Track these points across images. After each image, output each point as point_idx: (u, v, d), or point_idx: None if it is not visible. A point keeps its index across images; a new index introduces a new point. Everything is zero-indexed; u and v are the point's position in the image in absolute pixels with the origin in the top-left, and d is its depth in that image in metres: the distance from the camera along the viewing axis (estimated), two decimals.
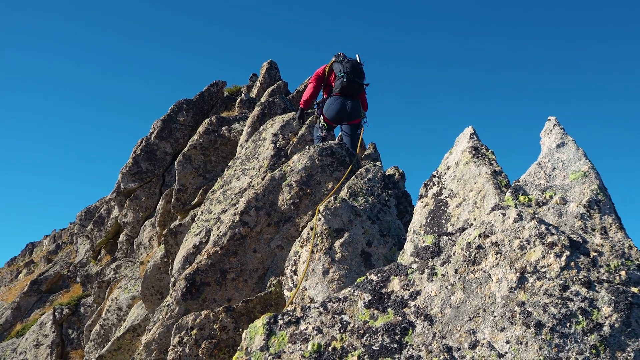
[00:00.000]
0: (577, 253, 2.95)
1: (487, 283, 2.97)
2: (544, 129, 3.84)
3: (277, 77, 17.38)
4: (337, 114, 8.59)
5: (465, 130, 5.20)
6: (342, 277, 5.99)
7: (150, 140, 15.96)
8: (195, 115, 16.38)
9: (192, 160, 13.17)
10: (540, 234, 3.00)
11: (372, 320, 3.03)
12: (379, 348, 2.90)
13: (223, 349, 6.61)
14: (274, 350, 3.04)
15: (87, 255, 17.76)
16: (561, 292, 2.83)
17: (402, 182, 9.38)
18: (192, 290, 7.36)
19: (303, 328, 3.10)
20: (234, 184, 10.44)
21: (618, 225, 3.17)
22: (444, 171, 5.14)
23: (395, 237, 6.75)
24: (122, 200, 16.24)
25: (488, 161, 4.68)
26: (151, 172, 15.67)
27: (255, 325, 3.19)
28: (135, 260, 14.89)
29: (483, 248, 3.09)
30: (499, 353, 2.73)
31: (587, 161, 3.47)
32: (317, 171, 8.07)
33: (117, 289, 13.71)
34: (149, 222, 15.05)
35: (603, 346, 2.68)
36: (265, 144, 10.72)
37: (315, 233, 6.32)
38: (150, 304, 11.56)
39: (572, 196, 3.37)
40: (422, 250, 3.27)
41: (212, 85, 17.40)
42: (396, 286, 3.16)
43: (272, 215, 7.78)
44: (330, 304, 3.16)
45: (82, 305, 15.70)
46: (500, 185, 4.33)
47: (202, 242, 9.37)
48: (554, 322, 2.75)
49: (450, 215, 4.68)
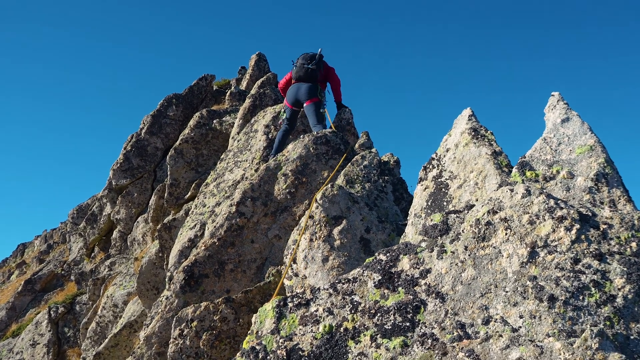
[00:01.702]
0: (587, 226, 2.94)
1: (498, 259, 2.95)
2: (548, 104, 3.82)
3: (266, 69, 17.29)
4: (294, 98, 9.35)
5: (463, 112, 5.17)
6: (342, 264, 5.97)
7: (141, 135, 15.85)
8: (185, 110, 16.27)
9: (184, 155, 13.09)
10: (550, 208, 2.98)
11: (383, 299, 3.01)
12: (392, 327, 2.88)
13: (224, 340, 6.57)
14: (285, 333, 3.01)
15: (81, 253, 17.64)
16: (573, 265, 2.82)
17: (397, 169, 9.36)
18: (191, 283, 7.31)
19: (313, 310, 3.07)
20: (227, 176, 10.38)
21: (626, 197, 3.17)
22: (443, 153, 5.11)
23: (393, 223, 6.73)
24: (114, 197, 16.13)
25: (488, 142, 4.66)
26: (142, 167, 15.57)
27: (265, 309, 3.15)
28: (129, 256, 14.80)
29: (492, 224, 3.07)
30: (512, 328, 2.72)
31: (593, 135, 3.46)
32: (312, 160, 8.03)
33: (112, 285, 13.63)
34: (141, 218, 14.97)
35: (617, 317, 2.67)
36: (258, 135, 10.66)
37: (313, 221, 6.29)
38: (147, 300, 11.50)
39: (579, 170, 3.36)
40: (431, 228, 3.25)
41: (201, 79, 17.28)
42: (406, 265, 3.14)
43: (268, 205, 7.74)
44: (339, 285, 3.14)
45: (77, 303, 15.59)
46: (501, 165, 4.31)
47: (197, 235, 9.32)
48: (566, 295, 2.74)
49: (451, 197, 4.66)
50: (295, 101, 9.37)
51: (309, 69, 9.28)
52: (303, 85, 9.32)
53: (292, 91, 9.43)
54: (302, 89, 9.28)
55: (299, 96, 9.32)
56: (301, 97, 9.28)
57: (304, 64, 9.37)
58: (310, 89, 9.24)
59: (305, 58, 9.47)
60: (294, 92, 9.39)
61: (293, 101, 9.39)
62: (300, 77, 9.33)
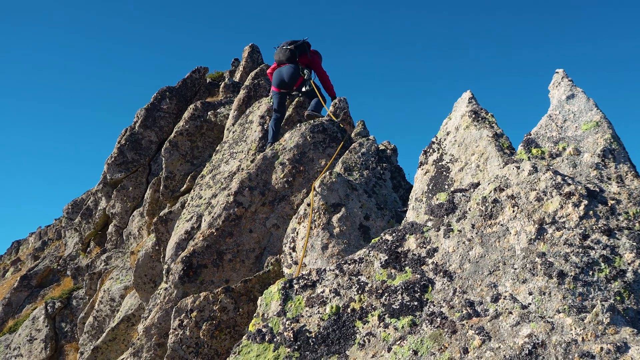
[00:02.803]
0: (594, 202, 2.91)
1: (506, 236, 2.92)
2: (552, 81, 3.78)
3: (259, 60, 17.20)
4: (278, 80, 9.71)
5: (463, 95, 5.14)
6: (342, 252, 5.94)
7: (135, 129, 15.75)
8: (178, 103, 16.18)
9: (179, 147, 13.01)
10: (557, 185, 2.95)
11: (390, 279, 2.97)
12: (399, 307, 2.85)
13: (224, 329, 6.54)
14: (291, 315, 2.98)
15: (77, 248, 17.55)
16: (582, 241, 2.79)
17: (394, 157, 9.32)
18: (190, 273, 7.27)
19: (320, 291, 3.03)
20: (223, 168, 10.33)
21: (634, 173, 3.14)
22: (443, 137, 5.08)
23: (392, 210, 6.71)
24: (109, 191, 16.04)
25: (489, 124, 4.63)
26: (137, 161, 15.47)
27: (270, 291, 3.12)
28: (125, 250, 14.73)
29: (499, 202, 3.04)
30: (522, 304, 2.69)
31: (599, 111, 3.43)
32: (309, 148, 7.99)
33: (108, 280, 13.57)
34: (137, 212, 14.89)
35: (627, 292, 2.65)
36: (253, 126, 10.60)
37: (312, 209, 6.25)
38: (144, 293, 11.45)
39: (585, 146, 3.33)
40: (437, 207, 3.22)
41: (194, 72, 17.17)
42: (412, 244, 3.10)
43: (266, 194, 7.70)
44: (345, 265, 3.10)
45: (74, 298, 15.52)
46: (502, 147, 4.28)
47: (193, 227, 9.26)
48: (576, 271, 2.71)
49: (452, 180, 4.62)
50: (280, 82, 9.68)
51: (287, 50, 9.65)
52: (285, 67, 9.67)
53: (276, 75, 9.78)
54: (284, 70, 9.64)
55: (283, 77, 9.63)
56: (285, 77, 9.61)
57: (284, 46, 9.76)
58: (292, 69, 9.58)
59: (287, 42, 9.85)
60: (278, 75, 9.73)
61: (278, 83, 9.70)
62: (281, 59, 9.70)
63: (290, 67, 9.62)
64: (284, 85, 9.66)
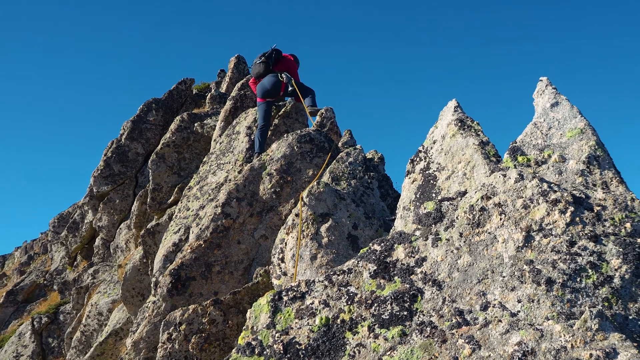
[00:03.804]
0: (581, 208, 2.93)
1: (494, 244, 2.93)
2: (537, 89, 3.81)
3: (245, 71, 17.20)
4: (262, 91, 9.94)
5: (449, 104, 5.16)
6: (331, 262, 5.93)
7: (121, 141, 15.68)
8: (165, 114, 16.14)
9: (166, 159, 12.97)
10: (543, 192, 2.97)
11: (379, 289, 2.97)
12: (389, 317, 2.84)
13: (213, 342, 6.49)
14: (280, 327, 2.96)
15: (63, 262, 17.39)
16: (569, 247, 2.81)
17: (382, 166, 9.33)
18: (178, 286, 7.22)
19: (309, 302, 3.02)
20: (210, 179, 10.29)
21: (618, 179, 3.16)
22: (430, 145, 5.09)
23: (380, 219, 6.71)
24: (95, 204, 15.93)
25: (474, 132, 4.65)
26: (124, 173, 15.39)
27: (259, 304, 3.10)
28: (112, 263, 14.62)
29: (486, 210, 3.05)
30: (511, 312, 2.69)
31: (583, 118, 3.46)
32: (296, 158, 7.99)
33: (96, 294, 13.45)
34: (124, 225, 14.79)
35: (615, 298, 2.66)
36: (240, 137, 10.58)
37: (300, 219, 6.25)
38: (132, 306, 11.35)
39: (570, 153, 3.35)
40: (424, 216, 3.22)
41: (180, 83, 17.14)
42: (401, 254, 3.11)
43: (254, 205, 7.68)
44: (335, 276, 3.09)
45: (61, 313, 15.36)
46: (488, 155, 4.30)
47: (181, 239, 9.21)
48: (564, 277, 2.72)
49: (440, 189, 4.64)
50: (265, 92, 9.90)
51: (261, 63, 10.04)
52: (264, 78, 9.97)
53: (259, 87, 10.02)
54: (265, 80, 9.93)
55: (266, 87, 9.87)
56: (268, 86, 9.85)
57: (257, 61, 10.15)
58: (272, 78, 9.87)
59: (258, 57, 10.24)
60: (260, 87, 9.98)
61: (263, 93, 9.92)
62: (259, 73, 10.06)
63: (270, 76, 9.91)
64: (269, 94, 9.87)
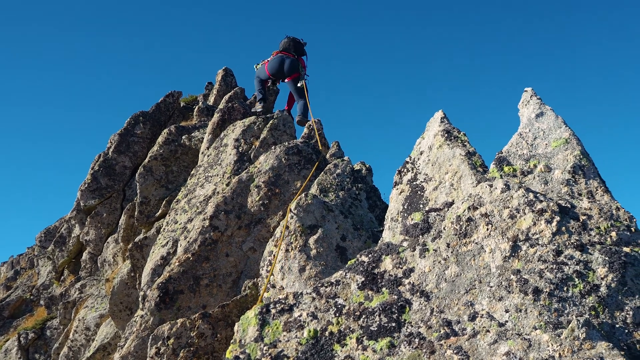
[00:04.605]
0: (567, 218, 2.94)
1: (481, 254, 2.94)
2: (522, 100, 3.83)
3: (233, 83, 17.19)
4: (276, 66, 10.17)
5: (435, 115, 5.19)
6: (319, 274, 5.91)
7: (108, 155, 15.59)
8: (152, 127, 16.07)
9: (154, 172, 12.91)
10: (529, 202, 2.98)
11: (367, 301, 2.96)
12: (377, 328, 2.84)
13: (202, 356, 6.45)
14: (268, 340, 2.95)
15: (50, 277, 17.23)
16: (555, 257, 2.82)
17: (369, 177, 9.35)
18: (166, 300, 7.17)
19: (297, 315, 3.01)
20: (198, 192, 10.26)
21: (604, 188, 3.18)
22: (417, 156, 5.11)
23: (368, 230, 6.71)
24: (82, 218, 15.80)
25: (461, 143, 4.67)
26: (111, 187, 15.30)
27: (247, 317, 3.08)
28: (100, 278, 14.50)
29: (473, 220, 3.06)
30: (499, 322, 2.70)
31: (567, 128, 3.49)
32: (284, 170, 7.99)
33: (83, 308, 13.33)
34: (112, 239, 14.69)
35: (602, 307, 2.67)
36: (228, 149, 10.56)
37: (288, 231, 6.24)
38: (120, 321, 11.26)
39: (556, 163, 3.37)
40: (412, 227, 3.22)
41: (168, 96, 17.10)
42: (388, 265, 3.10)
43: (242, 217, 7.66)
44: (322, 288, 3.09)
45: (48, 329, 15.20)
46: (475, 165, 4.32)
47: (169, 252, 9.15)
48: (551, 287, 2.73)
49: (427, 199, 4.65)
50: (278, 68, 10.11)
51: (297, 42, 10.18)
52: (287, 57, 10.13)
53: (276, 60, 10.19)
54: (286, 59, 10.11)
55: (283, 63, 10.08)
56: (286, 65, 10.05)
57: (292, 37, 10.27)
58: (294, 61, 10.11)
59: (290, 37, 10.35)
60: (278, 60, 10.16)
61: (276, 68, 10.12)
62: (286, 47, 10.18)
63: (293, 59, 10.08)
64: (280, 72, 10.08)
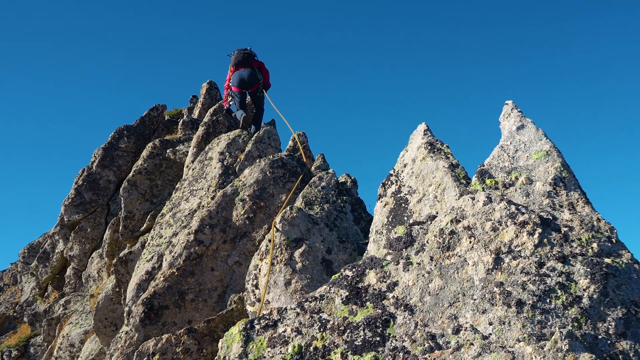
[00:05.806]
0: (548, 230, 2.96)
1: (464, 267, 2.95)
2: (503, 113, 3.87)
3: (217, 96, 17.18)
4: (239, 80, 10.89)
5: (418, 127, 5.21)
6: (305, 287, 5.90)
7: (92, 169, 15.50)
8: (137, 141, 16.01)
9: (138, 186, 12.85)
10: (511, 214, 3.00)
11: (352, 315, 2.96)
12: (362, 343, 2.83)
13: None
14: (253, 357, 2.93)
15: (34, 293, 17.05)
16: (538, 269, 2.83)
17: (354, 189, 9.36)
18: (151, 315, 7.12)
19: (281, 331, 3.00)
20: (183, 205, 10.22)
21: (584, 200, 3.22)
22: (401, 169, 5.13)
23: (354, 242, 6.72)
24: (66, 233, 15.68)
25: (444, 155, 4.70)
26: (95, 201, 15.20)
27: (231, 333, 3.07)
28: (84, 294, 14.37)
29: (456, 233, 3.07)
30: (483, 335, 2.70)
31: (548, 140, 3.52)
32: (269, 184, 7.98)
33: (67, 325, 13.19)
34: (96, 254, 14.57)
35: (584, 318, 2.69)
36: (212, 163, 10.54)
37: (273, 245, 6.22)
38: (105, 337, 11.15)
39: (537, 175, 3.40)
40: (395, 241, 3.23)
41: (152, 110, 17.05)
42: (372, 279, 3.11)
43: (227, 231, 7.64)
44: (307, 303, 3.08)
45: (31, 346, 15.01)
46: (458, 177, 4.34)
47: (154, 267, 9.10)
48: (534, 299, 2.74)
49: (411, 212, 4.66)
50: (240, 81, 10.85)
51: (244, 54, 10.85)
52: (244, 70, 10.86)
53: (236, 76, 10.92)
54: (244, 72, 10.85)
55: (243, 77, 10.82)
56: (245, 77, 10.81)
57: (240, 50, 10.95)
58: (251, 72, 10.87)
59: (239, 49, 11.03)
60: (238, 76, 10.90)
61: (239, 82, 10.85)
62: (239, 60, 10.84)
63: (249, 70, 10.81)
64: (244, 84, 10.78)
